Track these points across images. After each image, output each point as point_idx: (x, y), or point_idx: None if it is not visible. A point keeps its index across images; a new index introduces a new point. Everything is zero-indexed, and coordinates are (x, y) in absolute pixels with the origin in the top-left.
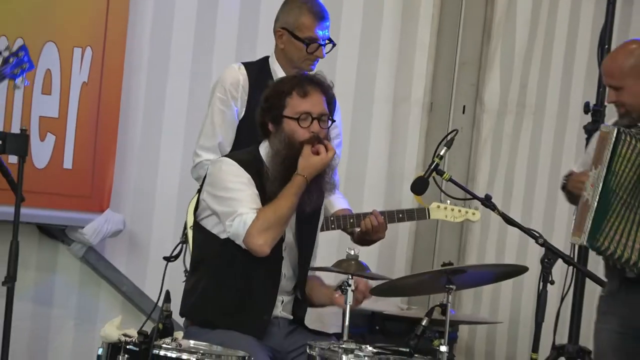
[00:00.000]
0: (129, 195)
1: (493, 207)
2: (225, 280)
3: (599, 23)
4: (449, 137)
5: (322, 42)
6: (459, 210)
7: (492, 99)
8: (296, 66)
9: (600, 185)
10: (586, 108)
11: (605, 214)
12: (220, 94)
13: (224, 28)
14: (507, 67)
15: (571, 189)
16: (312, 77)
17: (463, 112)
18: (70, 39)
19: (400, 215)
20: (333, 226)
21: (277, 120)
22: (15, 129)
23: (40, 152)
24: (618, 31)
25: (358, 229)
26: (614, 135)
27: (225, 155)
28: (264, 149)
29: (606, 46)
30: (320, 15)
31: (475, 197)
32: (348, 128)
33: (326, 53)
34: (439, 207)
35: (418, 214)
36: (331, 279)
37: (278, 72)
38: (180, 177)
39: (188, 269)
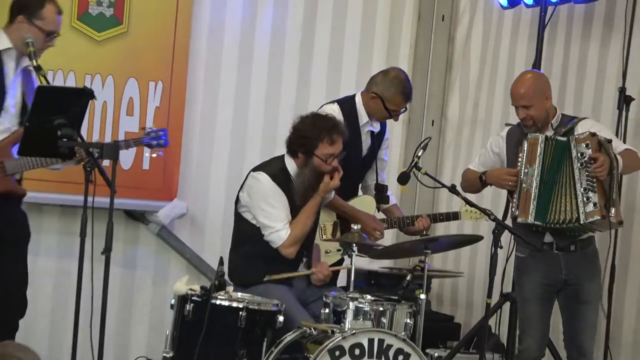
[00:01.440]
0: (190, 188)
1: (457, 193)
2: (265, 249)
3: (531, 58)
4: (423, 143)
5: (400, 113)
6: (476, 213)
7: (453, 115)
8: (373, 117)
9: (538, 178)
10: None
11: (545, 198)
12: None
13: (256, 68)
14: (464, 92)
15: (495, 182)
16: (338, 127)
17: (432, 125)
18: (147, 75)
19: (441, 217)
20: (395, 226)
21: (309, 154)
22: (108, 140)
23: (126, 157)
24: (544, 63)
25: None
26: (542, 140)
27: (261, 169)
28: (290, 166)
29: None
30: (409, 98)
31: (444, 185)
32: None
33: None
34: (466, 211)
35: (453, 216)
36: None
37: (362, 114)
38: (226, 174)
39: None
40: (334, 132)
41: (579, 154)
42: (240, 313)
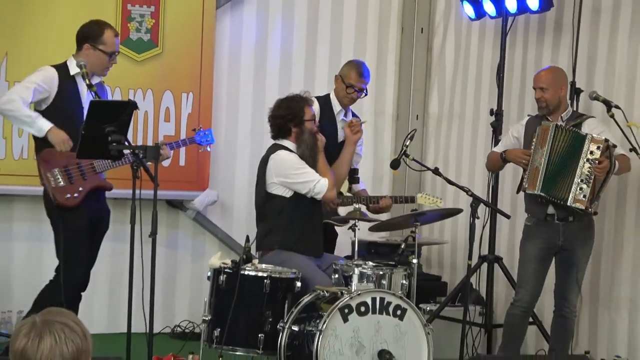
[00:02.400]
0: (219, 179)
1: (440, 174)
2: (294, 220)
3: (495, 61)
4: (410, 134)
5: (357, 90)
6: (430, 198)
7: (433, 111)
8: (341, 102)
9: (546, 158)
10: (491, 112)
11: (551, 174)
12: None
13: (269, 78)
14: (441, 91)
15: (513, 160)
16: (306, 96)
17: (417, 119)
18: (179, 88)
19: (401, 200)
20: (363, 203)
21: (300, 123)
22: (150, 143)
23: None
24: (507, 65)
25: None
26: (553, 127)
27: (278, 149)
28: (288, 144)
29: (501, 74)
30: (362, 74)
31: (428, 168)
32: None
33: (360, 98)
34: (421, 196)
35: (411, 199)
36: None
37: (335, 103)
38: (249, 166)
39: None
40: (307, 99)
41: (589, 151)
42: (265, 281)
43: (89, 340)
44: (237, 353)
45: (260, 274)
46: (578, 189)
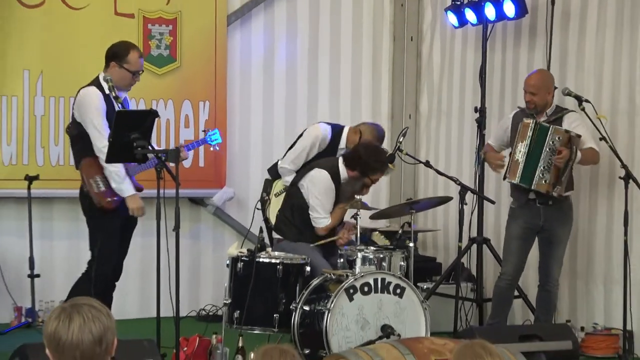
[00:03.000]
0: (235, 178)
1: (430, 166)
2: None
3: (477, 64)
4: (403, 131)
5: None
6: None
7: (424, 110)
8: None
9: (525, 150)
10: (475, 110)
11: (530, 166)
12: (314, 141)
13: (277, 86)
14: (430, 92)
15: (488, 161)
16: (387, 164)
17: (409, 118)
18: (197, 97)
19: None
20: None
21: (364, 174)
22: (172, 146)
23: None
24: (488, 68)
25: None
26: (532, 123)
27: (324, 168)
28: (342, 171)
29: (483, 75)
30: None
31: (420, 161)
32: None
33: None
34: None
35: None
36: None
37: (343, 142)
38: (261, 165)
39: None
40: (386, 167)
41: (551, 142)
42: (278, 267)
43: (112, 319)
44: (255, 332)
45: (273, 260)
46: (540, 174)
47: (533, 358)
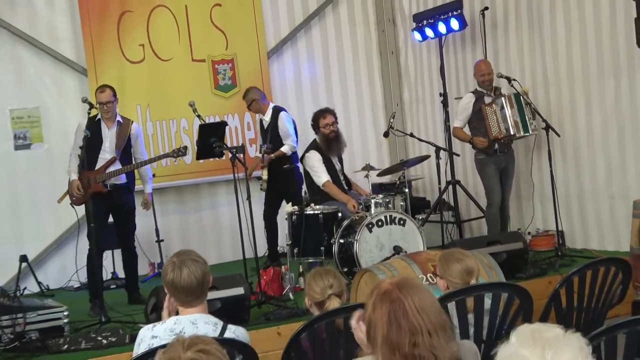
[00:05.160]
0: None
1: (414, 136)
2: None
3: (438, 64)
4: (392, 114)
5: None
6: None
7: (406, 99)
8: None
9: (517, 113)
10: (440, 95)
11: (523, 120)
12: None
13: (305, 98)
14: (409, 87)
15: (476, 143)
16: (326, 110)
17: (397, 105)
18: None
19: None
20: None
21: (317, 127)
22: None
23: (251, 150)
24: (445, 66)
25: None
26: (514, 95)
27: (311, 149)
28: (318, 137)
29: (442, 72)
30: None
31: (406, 134)
32: (356, 118)
33: None
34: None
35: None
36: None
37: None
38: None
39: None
40: (326, 112)
41: (523, 100)
42: (319, 215)
43: (207, 265)
44: (309, 260)
45: (316, 211)
46: (529, 122)
47: (497, 257)
